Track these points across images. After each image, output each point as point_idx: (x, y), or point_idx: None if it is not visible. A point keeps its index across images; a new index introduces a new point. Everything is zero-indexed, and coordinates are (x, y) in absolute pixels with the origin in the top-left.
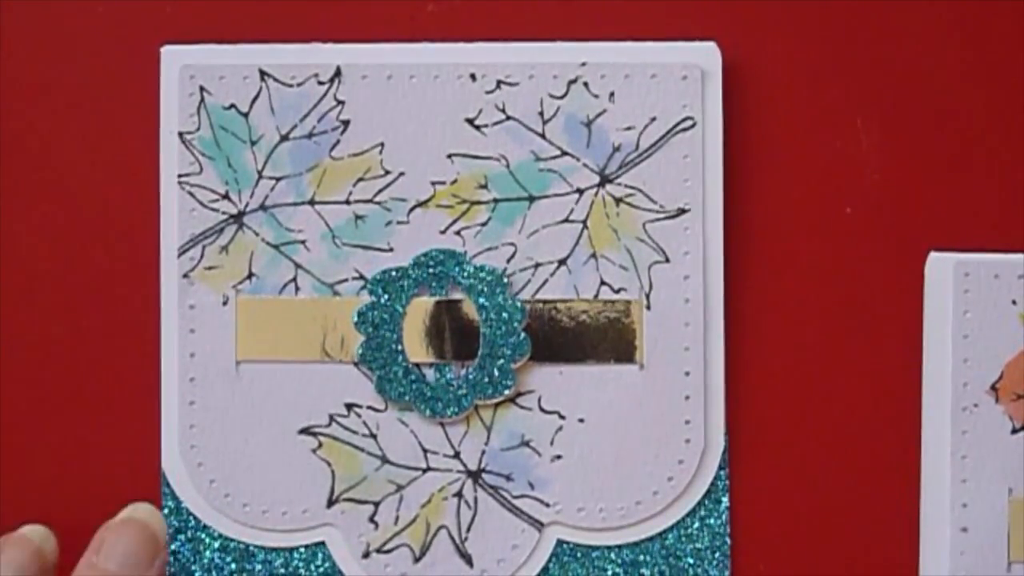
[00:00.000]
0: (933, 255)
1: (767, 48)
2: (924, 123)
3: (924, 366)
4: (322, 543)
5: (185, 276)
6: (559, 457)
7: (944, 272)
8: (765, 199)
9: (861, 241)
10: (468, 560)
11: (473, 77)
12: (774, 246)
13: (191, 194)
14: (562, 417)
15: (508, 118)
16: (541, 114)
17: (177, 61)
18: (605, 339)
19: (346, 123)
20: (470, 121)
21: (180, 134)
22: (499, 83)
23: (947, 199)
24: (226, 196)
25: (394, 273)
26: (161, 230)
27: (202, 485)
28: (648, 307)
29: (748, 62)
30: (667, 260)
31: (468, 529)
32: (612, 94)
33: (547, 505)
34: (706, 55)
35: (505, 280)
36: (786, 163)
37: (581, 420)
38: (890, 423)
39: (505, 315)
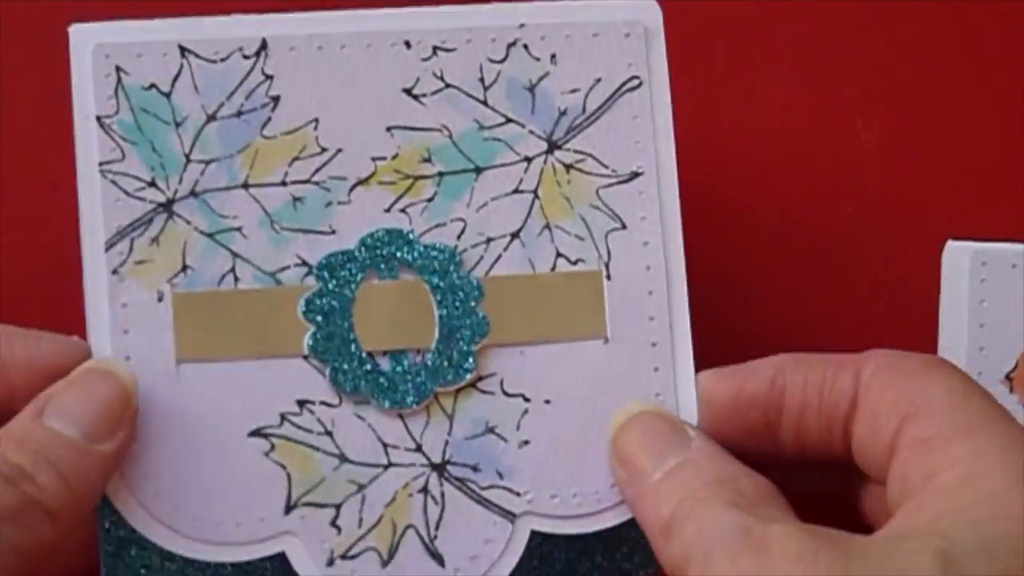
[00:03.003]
0: (950, 244)
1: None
2: (936, 111)
3: (939, 354)
4: (281, 553)
5: (114, 272)
6: (527, 443)
7: (961, 261)
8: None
9: (878, 228)
10: (439, 560)
11: (408, 44)
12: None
13: (114, 183)
14: (527, 400)
15: (447, 86)
16: (482, 80)
17: (89, 40)
18: (566, 314)
19: (276, 99)
20: (408, 91)
21: (98, 118)
22: (435, 49)
23: (964, 188)
24: (152, 183)
25: (340, 257)
26: (82, 224)
27: (146, 498)
28: (608, 277)
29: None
30: (624, 227)
31: (437, 527)
32: (553, 56)
33: (518, 494)
34: (648, 12)
35: (458, 258)
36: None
37: (547, 401)
38: None
39: (461, 295)
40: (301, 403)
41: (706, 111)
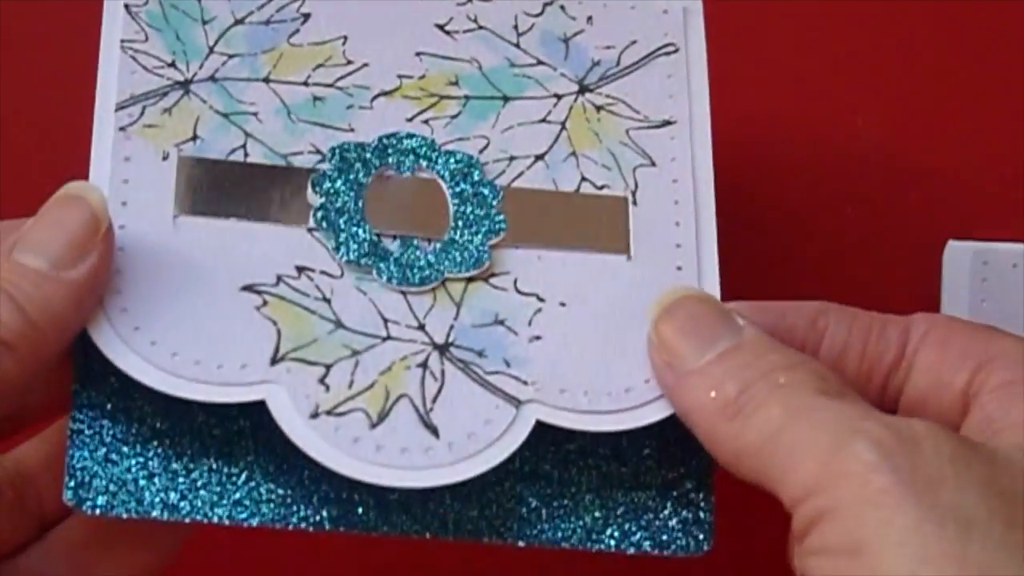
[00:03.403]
0: (952, 243)
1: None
2: (936, 111)
3: None
4: (261, 401)
5: (122, 129)
6: (538, 338)
7: (961, 261)
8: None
9: (878, 228)
10: (433, 431)
11: None
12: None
13: (133, 58)
14: (541, 300)
15: (480, 27)
16: (516, 28)
17: None
18: (589, 229)
19: (307, 16)
20: (440, 27)
21: (126, 6)
22: None
23: (964, 188)
24: (172, 64)
25: (355, 146)
26: (98, 89)
27: (124, 331)
28: (635, 203)
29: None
30: (653, 164)
31: (433, 401)
32: (590, 18)
33: (524, 383)
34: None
35: (478, 164)
36: (783, 159)
37: (563, 304)
38: None
39: (478, 194)
40: (300, 269)
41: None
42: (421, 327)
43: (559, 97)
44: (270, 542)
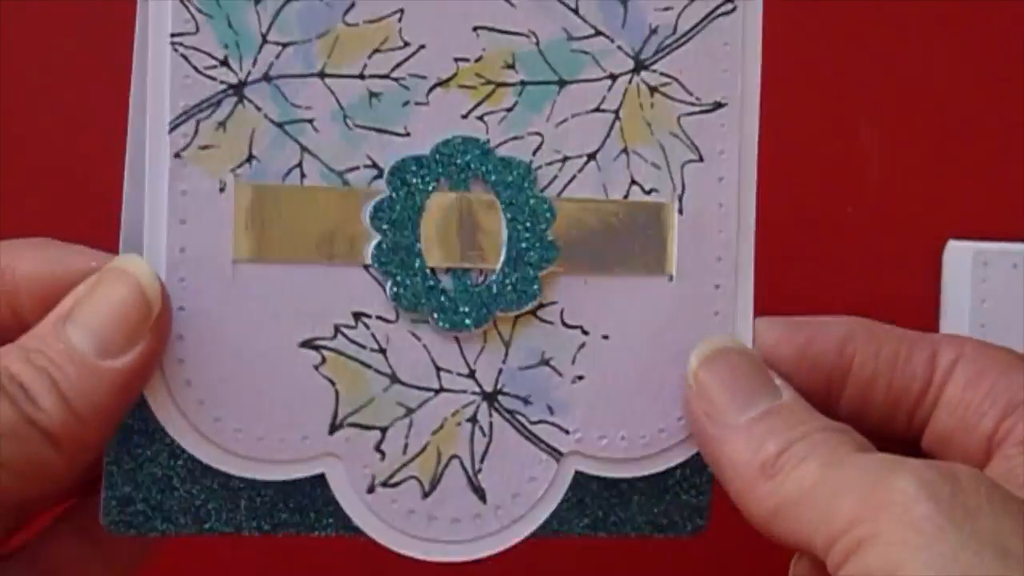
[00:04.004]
0: (952, 243)
1: None
2: (936, 111)
3: None
4: (322, 476)
5: (177, 156)
6: (580, 378)
7: (963, 260)
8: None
9: (878, 228)
10: (481, 495)
11: None
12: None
13: (185, 57)
14: (585, 333)
15: None
16: None
17: None
18: (634, 246)
19: None
20: None
21: None
22: None
23: (964, 188)
24: (225, 62)
25: (413, 163)
26: (149, 99)
27: (188, 407)
28: (680, 211)
29: None
30: (701, 159)
31: (482, 459)
32: None
33: (566, 432)
34: None
35: (532, 175)
36: (783, 159)
37: (605, 337)
38: None
39: (533, 216)
40: (357, 315)
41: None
42: (471, 374)
43: (614, 78)
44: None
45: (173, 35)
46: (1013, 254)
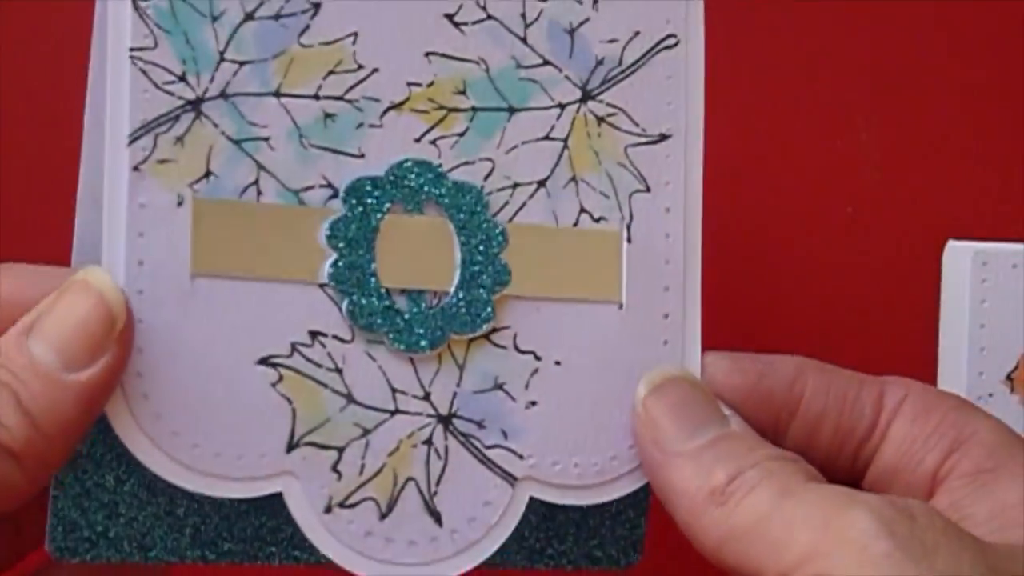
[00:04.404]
0: (951, 244)
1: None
2: (936, 111)
3: (940, 355)
4: (273, 499)
5: (136, 169)
6: (534, 403)
7: (962, 261)
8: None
9: (878, 228)
10: (437, 518)
11: None
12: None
13: (144, 72)
14: (538, 358)
15: (489, 17)
16: (523, 16)
17: None
18: (584, 273)
19: (317, 6)
20: (449, 17)
21: (134, 1)
22: None
23: (964, 188)
24: (183, 78)
25: (368, 183)
26: (108, 112)
27: (146, 421)
28: (629, 239)
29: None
30: (648, 189)
31: (438, 483)
32: (596, 2)
33: (521, 457)
34: None
35: (485, 200)
36: (783, 158)
37: (558, 363)
38: None
39: (485, 239)
40: (313, 334)
41: (706, 110)
42: (426, 396)
43: (563, 107)
44: None
45: (132, 49)
46: (1013, 254)
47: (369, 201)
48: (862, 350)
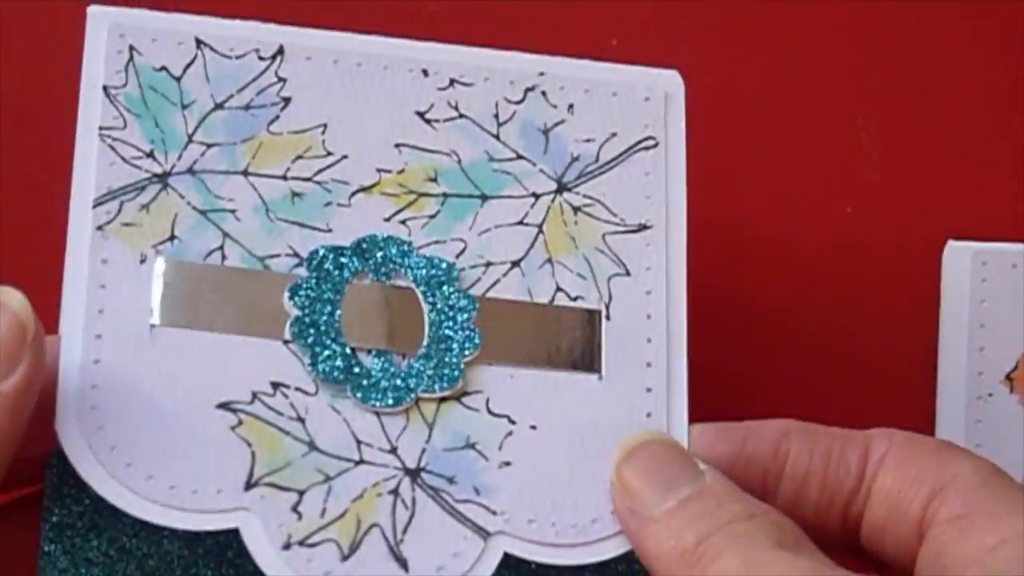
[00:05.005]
0: (951, 243)
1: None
2: (936, 111)
3: (939, 355)
4: (232, 532)
5: (99, 228)
6: (508, 464)
7: (962, 261)
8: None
9: (878, 228)
10: (403, 564)
11: (425, 73)
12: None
13: (112, 147)
14: (512, 422)
15: (461, 116)
16: (496, 116)
17: (105, 20)
18: (562, 345)
19: (287, 100)
20: (420, 115)
21: (105, 87)
22: (452, 81)
23: (964, 188)
24: (151, 155)
25: (333, 252)
26: (73, 181)
27: (101, 451)
28: (608, 317)
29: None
30: (628, 274)
31: (404, 531)
32: (571, 106)
33: (494, 513)
34: (669, 80)
35: (455, 273)
36: (783, 158)
37: (533, 427)
38: (904, 412)
39: (455, 307)
40: (275, 385)
41: (706, 110)
42: (393, 450)
43: (537, 196)
44: None
45: (102, 128)
46: (1013, 254)
47: (334, 271)
48: (862, 350)
